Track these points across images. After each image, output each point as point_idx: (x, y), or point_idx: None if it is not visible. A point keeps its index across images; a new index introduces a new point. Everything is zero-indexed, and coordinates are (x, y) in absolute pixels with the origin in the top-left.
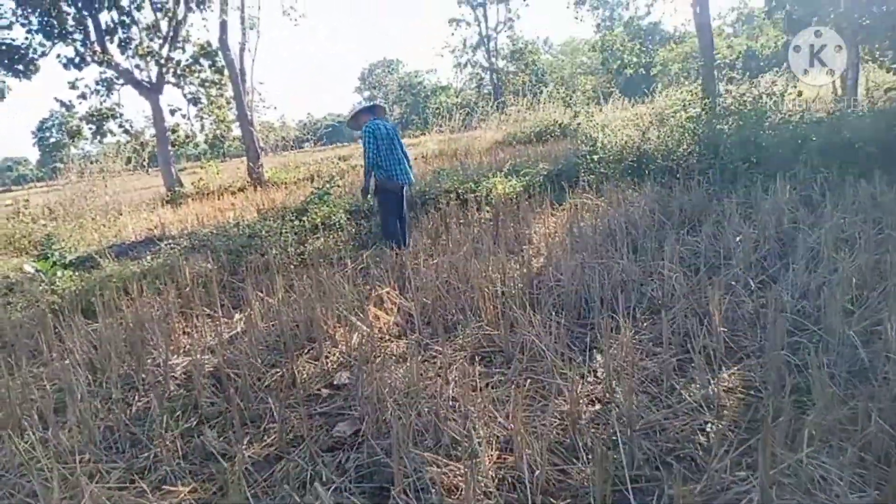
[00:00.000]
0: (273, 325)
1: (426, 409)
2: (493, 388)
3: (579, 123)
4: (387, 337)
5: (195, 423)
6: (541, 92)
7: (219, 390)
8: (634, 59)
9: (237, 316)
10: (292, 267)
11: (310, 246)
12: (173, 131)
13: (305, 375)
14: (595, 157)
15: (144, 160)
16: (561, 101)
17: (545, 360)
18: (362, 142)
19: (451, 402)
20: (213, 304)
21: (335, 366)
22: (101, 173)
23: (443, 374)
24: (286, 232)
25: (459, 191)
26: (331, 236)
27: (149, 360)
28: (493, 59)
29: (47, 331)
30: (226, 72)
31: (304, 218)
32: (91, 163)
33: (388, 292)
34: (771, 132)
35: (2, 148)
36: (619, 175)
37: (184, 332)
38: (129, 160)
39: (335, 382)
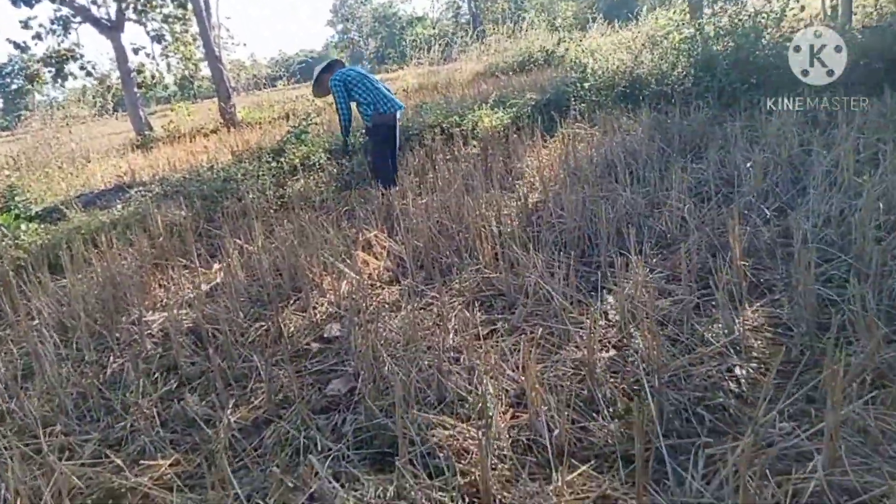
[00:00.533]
0: (254, 276)
1: (426, 364)
2: (498, 336)
3: (567, 50)
4: (378, 284)
5: (175, 385)
6: (521, 19)
7: (199, 348)
8: None
9: (215, 266)
10: (272, 212)
11: (289, 189)
12: (139, 72)
13: (292, 328)
14: (585, 85)
15: (109, 104)
16: (545, 27)
17: (552, 303)
18: (333, 97)
19: (453, 354)
20: (189, 255)
21: (324, 317)
22: (64, 119)
23: (441, 322)
24: (263, 174)
25: (444, 125)
26: (311, 177)
27: (122, 318)
28: None
29: (11, 290)
30: (189, 5)
31: (282, 159)
32: (56, 109)
33: (375, 236)
34: (770, 51)
35: None
36: (612, 102)
37: (159, 286)
38: (94, 104)
39: (325, 335)
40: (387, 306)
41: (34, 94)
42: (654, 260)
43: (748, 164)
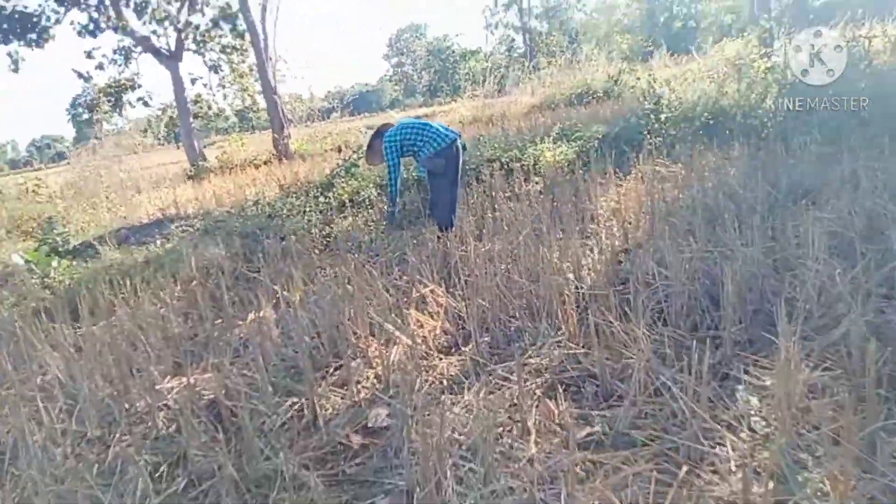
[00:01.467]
0: (290, 335)
1: (504, 482)
2: (599, 448)
3: (637, 80)
4: (434, 352)
5: (182, 485)
6: (576, 52)
7: (216, 430)
8: (684, 11)
9: (250, 317)
10: (316, 252)
11: (336, 227)
12: (195, 102)
13: (329, 410)
14: (661, 117)
15: (161, 134)
16: (605, 59)
17: (662, 398)
18: (386, 157)
19: (539, 472)
20: (221, 302)
21: (368, 395)
22: (117, 148)
23: (520, 416)
24: (310, 210)
25: (503, 159)
26: (360, 215)
27: (136, 383)
28: (526, 19)
29: (19, 341)
30: (247, 36)
31: (330, 194)
32: (121, 137)
33: (431, 291)
34: (883, 79)
35: (41, 125)
36: (693, 136)
37: (187, 339)
38: (145, 132)
39: (370, 424)
40: (446, 382)
41: (101, 124)
42: (800, 343)
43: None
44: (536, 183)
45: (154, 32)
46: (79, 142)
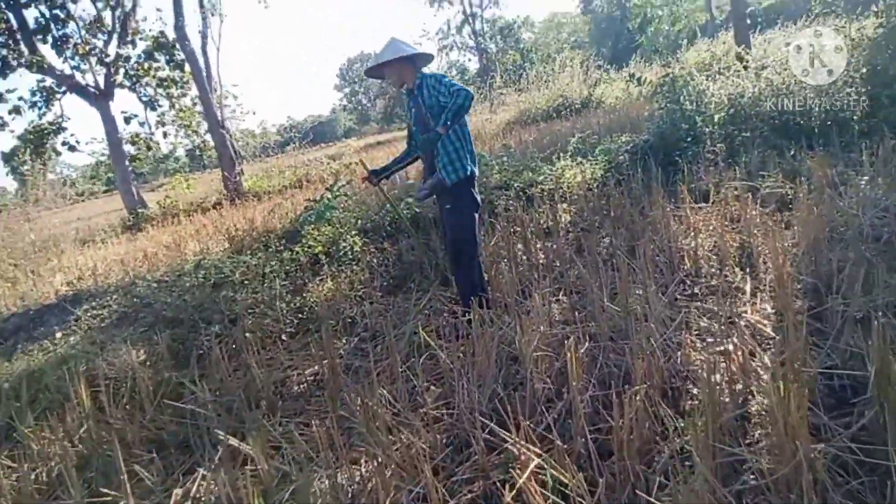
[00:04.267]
0: None
1: None
2: None
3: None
4: None
5: None
6: (527, 70)
7: None
8: (660, 13)
9: (176, 493)
10: (283, 339)
11: (311, 294)
12: (132, 143)
13: None
14: (715, 118)
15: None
16: (579, 70)
17: None
18: (439, 85)
19: None
20: (132, 459)
21: None
22: (29, 202)
23: None
24: (272, 272)
25: (517, 184)
26: (341, 274)
27: None
28: (481, 38)
29: None
30: (187, 67)
31: (298, 247)
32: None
33: (522, 454)
34: None
35: None
36: (758, 143)
37: None
38: (63, 182)
39: None
40: None
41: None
42: None
43: None
44: (566, 211)
45: (77, 69)
46: (23, 195)
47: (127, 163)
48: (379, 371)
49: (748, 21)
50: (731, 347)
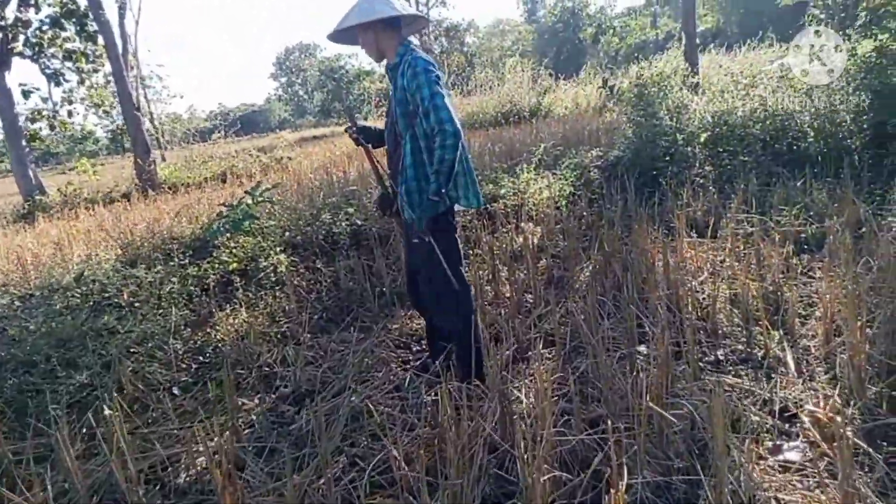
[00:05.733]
0: None
1: None
2: None
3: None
4: None
5: None
6: (475, 74)
7: None
8: (614, 25)
9: None
10: (172, 394)
11: (218, 330)
12: (33, 120)
13: None
14: (702, 137)
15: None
16: (528, 75)
17: None
18: (412, 81)
19: None
20: None
21: None
22: None
23: None
24: (170, 294)
25: None
26: (261, 301)
27: None
28: (426, 38)
29: None
30: (100, 40)
31: (207, 262)
32: None
33: None
34: None
35: None
36: (751, 168)
37: None
38: None
39: None
40: None
41: None
42: None
43: None
44: (531, 234)
45: None
46: None
47: (24, 143)
48: (302, 461)
49: (696, 41)
50: (806, 462)
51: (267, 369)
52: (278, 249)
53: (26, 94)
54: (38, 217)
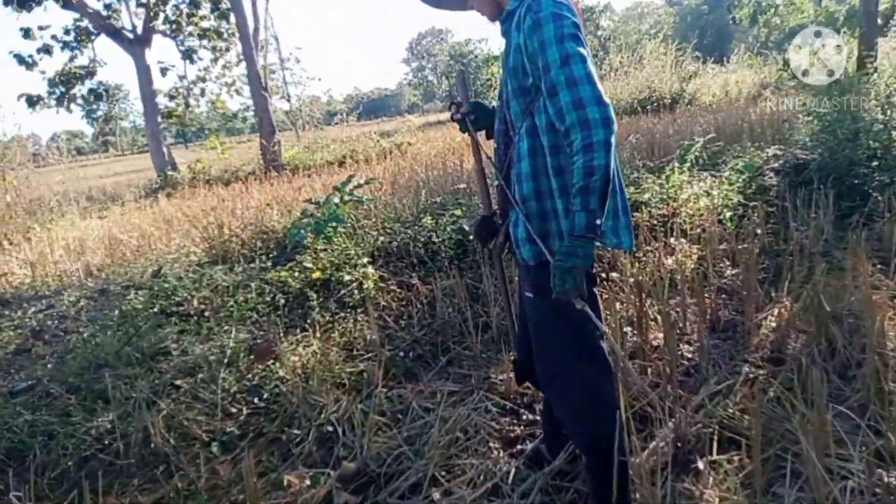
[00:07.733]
0: None
1: None
2: None
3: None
4: None
5: None
6: (609, 58)
7: None
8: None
9: None
10: (210, 454)
11: (280, 364)
12: (171, 97)
13: None
14: None
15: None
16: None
17: None
18: (531, 35)
19: None
20: None
21: None
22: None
23: None
24: (244, 303)
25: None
26: (338, 325)
27: None
28: None
29: None
30: (232, 18)
31: (286, 270)
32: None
33: None
34: None
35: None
36: None
37: None
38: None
39: None
40: None
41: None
42: None
43: None
44: (690, 257)
45: (109, 8)
46: (97, 138)
47: (159, 118)
48: None
49: (878, 21)
50: None
51: (330, 429)
52: (366, 260)
53: (164, 72)
54: (162, 193)
